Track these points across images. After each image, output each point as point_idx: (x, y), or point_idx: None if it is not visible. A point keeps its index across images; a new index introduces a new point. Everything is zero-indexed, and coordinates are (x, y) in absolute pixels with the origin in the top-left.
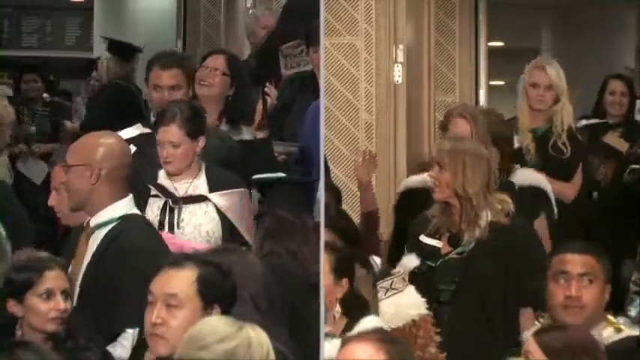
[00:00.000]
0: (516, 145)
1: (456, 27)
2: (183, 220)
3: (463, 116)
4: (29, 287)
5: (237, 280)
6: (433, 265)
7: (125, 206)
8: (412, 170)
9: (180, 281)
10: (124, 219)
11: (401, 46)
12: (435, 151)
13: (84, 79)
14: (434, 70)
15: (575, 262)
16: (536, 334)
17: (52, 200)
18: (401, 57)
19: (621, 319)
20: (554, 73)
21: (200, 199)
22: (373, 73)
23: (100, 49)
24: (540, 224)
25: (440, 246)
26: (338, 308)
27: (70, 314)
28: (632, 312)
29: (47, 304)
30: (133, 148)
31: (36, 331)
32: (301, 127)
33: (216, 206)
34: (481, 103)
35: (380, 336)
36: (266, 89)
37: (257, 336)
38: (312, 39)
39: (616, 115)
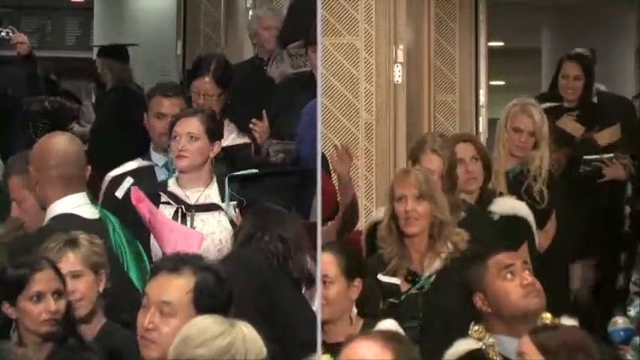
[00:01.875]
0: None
1: (456, 27)
2: (195, 227)
3: (436, 152)
4: (20, 290)
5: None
6: (397, 302)
7: (60, 206)
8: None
9: (176, 290)
10: (53, 220)
11: (401, 46)
12: (407, 183)
13: (84, 79)
14: (434, 70)
15: (512, 255)
16: (531, 334)
17: (14, 211)
18: (401, 57)
19: (621, 319)
20: (539, 117)
21: (213, 207)
22: (373, 73)
23: None
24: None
25: (399, 283)
26: (354, 309)
27: (69, 313)
28: (632, 312)
29: (38, 306)
30: (130, 181)
31: (30, 332)
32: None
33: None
34: (481, 103)
35: (385, 334)
36: (251, 125)
37: (250, 332)
38: (311, 39)
39: (570, 100)
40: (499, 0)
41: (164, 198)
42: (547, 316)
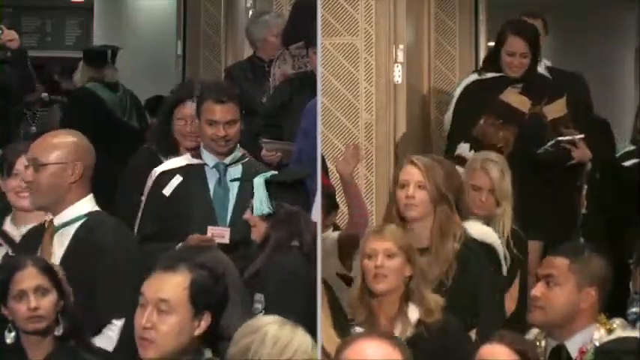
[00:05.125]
0: None
1: (456, 27)
2: None
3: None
4: (6, 290)
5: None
6: None
7: (89, 203)
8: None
9: (172, 287)
10: (92, 216)
11: (401, 46)
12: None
13: None
14: (434, 70)
15: (546, 264)
16: (503, 341)
17: None
18: (401, 57)
19: (617, 320)
20: (498, 174)
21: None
22: (373, 73)
23: None
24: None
25: None
26: None
27: (69, 312)
28: (633, 312)
29: (20, 304)
30: (179, 179)
31: (22, 331)
32: (298, 125)
33: None
34: None
35: (385, 334)
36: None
37: (276, 334)
38: (311, 39)
39: (513, 76)
40: (499, 0)
41: None
42: (602, 319)
